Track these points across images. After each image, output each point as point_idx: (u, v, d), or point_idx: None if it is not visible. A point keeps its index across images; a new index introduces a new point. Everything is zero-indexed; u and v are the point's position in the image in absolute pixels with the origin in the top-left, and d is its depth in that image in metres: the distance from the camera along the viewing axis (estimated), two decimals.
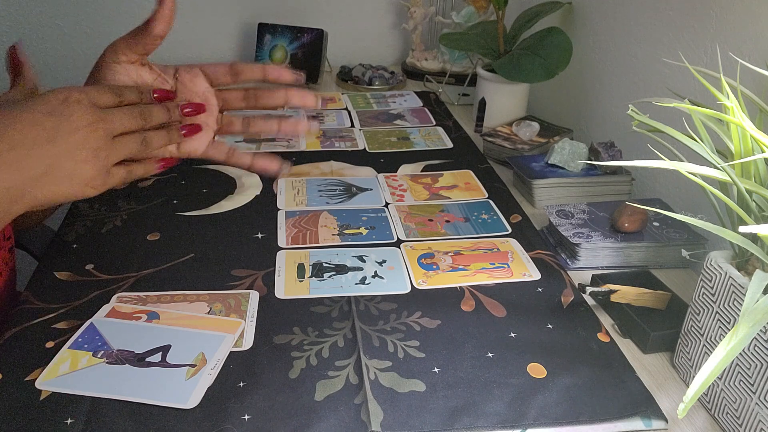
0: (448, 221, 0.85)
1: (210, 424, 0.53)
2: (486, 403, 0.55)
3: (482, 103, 1.18)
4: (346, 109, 1.27)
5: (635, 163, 0.51)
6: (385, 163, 1.03)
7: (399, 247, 0.79)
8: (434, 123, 1.20)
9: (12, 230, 0.72)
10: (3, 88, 0.64)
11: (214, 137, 0.64)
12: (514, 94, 1.17)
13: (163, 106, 0.59)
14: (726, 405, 0.54)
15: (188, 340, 0.61)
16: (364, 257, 0.76)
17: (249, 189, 0.93)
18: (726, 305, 0.54)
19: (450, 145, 1.10)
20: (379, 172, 0.99)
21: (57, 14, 1.45)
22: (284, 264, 0.75)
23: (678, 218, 0.50)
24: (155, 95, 0.59)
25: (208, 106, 0.64)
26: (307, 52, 1.40)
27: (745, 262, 0.55)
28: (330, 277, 0.72)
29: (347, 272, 0.73)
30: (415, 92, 1.37)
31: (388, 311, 0.67)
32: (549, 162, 0.93)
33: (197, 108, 0.62)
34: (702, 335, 0.57)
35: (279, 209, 0.87)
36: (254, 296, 0.69)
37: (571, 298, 0.70)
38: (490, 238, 0.82)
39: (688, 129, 0.57)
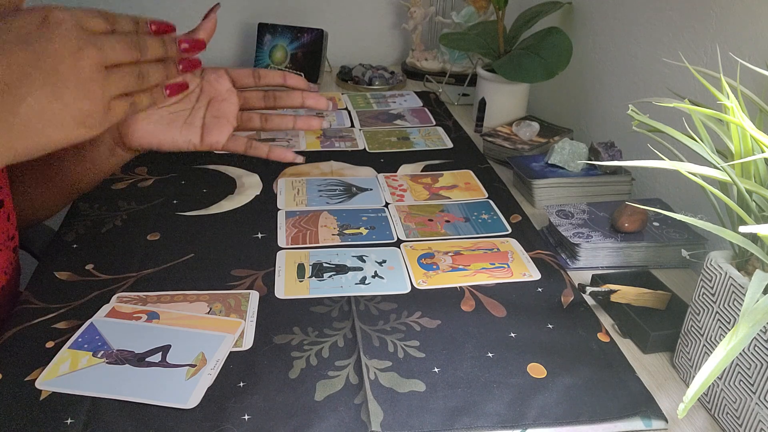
0: (448, 221, 0.85)
1: (210, 424, 0.53)
2: (486, 403, 0.55)
3: (482, 103, 1.18)
4: (346, 109, 1.27)
5: (635, 163, 0.51)
6: (385, 163, 1.03)
7: (399, 247, 0.79)
8: (434, 123, 1.20)
9: (16, 230, 0.72)
10: None
11: (233, 132, 0.68)
12: (514, 94, 1.17)
13: (159, 39, 0.53)
14: (726, 405, 0.54)
15: (188, 340, 0.61)
16: (364, 257, 0.76)
17: (249, 189, 0.93)
18: (726, 305, 0.54)
19: (450, 145, 1.10)
20: (379, 172, 0.99)
21: None
22: (284, 264, 0.75)
23: (678, 218, 0.50)
24: (153, 27, 0.53)
25: (229, 104, 0.67)
26: (307, 52, 1.40)
27: (745, 262, 0.55)
28: (330, 277, 0.72)
29: (347, 272, 0.73)
30: (415, 92, 1.37)
31: (388, 311, 0.67)
32: (549, 162, 0.93)
33: (195, 44, 0.58)
34: (702, 335, 0.57)
35: (279, 209, 0.87)
36: (254, 296, 0.69)
37: (571, 298, 0.70)
38: (490, 238, 0.82)
39: (688, 129, 0.57)
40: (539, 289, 0.71)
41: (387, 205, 0.89)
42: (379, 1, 1.56)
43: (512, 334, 0.64)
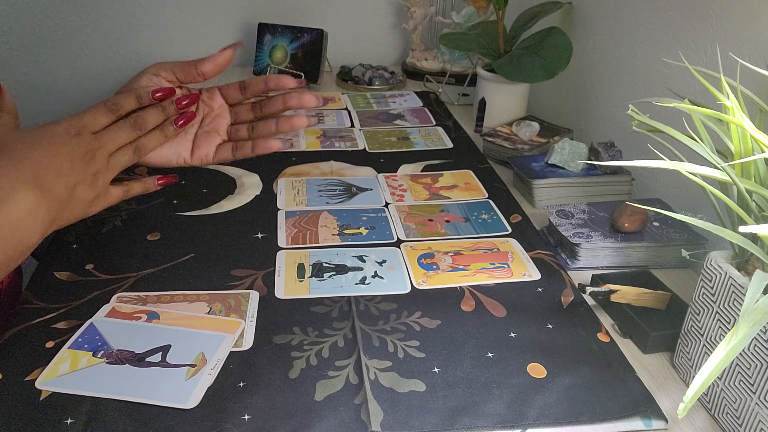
0: (448, 221, 0.85)
1: (210, 424, 0.53)
2: (486, 403, 0.55)
3: (482, 103, 1.18)
4: (346, 109, 1.27)
5: (635, 163, 0.51)
6: (385, 163, 1.03)
7: (399, 247, 0.79)
8: (434, 123, 1.20)
9: None
10: None
11: (222, 144, 0.71)
12: (514, 94, 1.17)
13: (158, 107, 0.64)
14: (726, 405, 0.54)
15: (188, 340, 0.61)
16: (364, 257, 0.76)
17: (249, 189, 0.93)
18: (726, 305, 0.54)
19: (450, 145, 1.10)
20: (379, 172, 0.99)
21: (57, 15, 1.45)
22: (284, 264, 0.75)
23: (678, 218, 0.50)
24: (157, 95, 0.64)
25: (221, 119, 0.71)
26: (307, 52, 1.40)
27: (745, 262, 0.55)
28: (330, 277, 0.72)
29: (347, 272, 0.73)
30: (415, 92, 1.37)
31: (388, 311, 0.67)
32: (549, 162, 0.93)
33: (192, 99, 0.67)
34: (702, 335, 0.57)
35: (279, 209, 0.87)
36: (254, 296, 0.69)
37: (571, 298, 0.70)
38: (490, 238, 0.82)
39: (688, 129, 0.57)
40: (539, 289, 0.71)
41: (387, 205, 0.89)
42: (379, 1, 1.56)
43: (512, 334, 0.64)
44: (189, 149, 0.69)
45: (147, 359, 0.58)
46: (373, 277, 0.73)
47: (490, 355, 0.61)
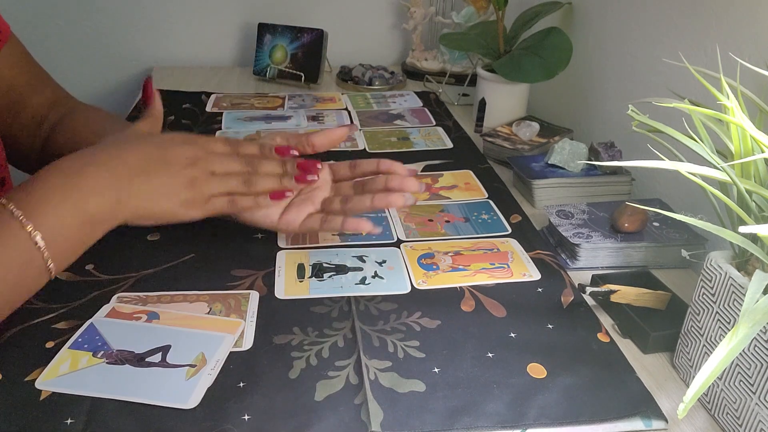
0: (448, 221, 0.85)
1: (210, 424, 0.53)
2: (486, 403, 0.55)
3: (482, 103, 1.18)
4: (346, 109, 1.27)
5: (635, 163, 0.51)
6: None
7: (399, 247, 0.79)
8: (434, 123, 1.20)
9: None
10: None
11: (313, 213, 0.72)
12: (514, 94, 1.17)
13: (278, 161, 0.70)
14: (726, 405, 0.54)
15: (188, 340, 0.61)
16: (364, 257, 0.76)
17: None
18: (726, 305, 0.54)
19: (450, 145, 1.10)
20: None
21: (57, 14, 1.45)
22: (284, 264, 0.75)
23: (678, 218, 0.50)
24: (276, 151, 0.71)
25: (321, 191, 0.73)
26: (307, 52, 1.40)
27: (745, 262, 0.55)
28: (330, 277, 0.72)
29: (347, 272, 0.73)
30: (415, 92, 1.37)
31: (388, 311, 0.67)
32: (549, 162, 0.93)
33: (311, 165, 0.71)
34: (702, 335, 0.57)
35: None
36: (254, 296, 0.69)
37: (571, 298, 0.70)
38: (490, 238, 0.82)
39: (688, 129, 0.57)
40: (539, 289, 0.71)
41: None
42: (379, 1, 1.56)
43: (512, 334, 0.64)
44: (279, 213, 0.71)
45: (147, 359, 0.58)
46: (373, 277, 0.73)
47: (490, 355, 0.61)
